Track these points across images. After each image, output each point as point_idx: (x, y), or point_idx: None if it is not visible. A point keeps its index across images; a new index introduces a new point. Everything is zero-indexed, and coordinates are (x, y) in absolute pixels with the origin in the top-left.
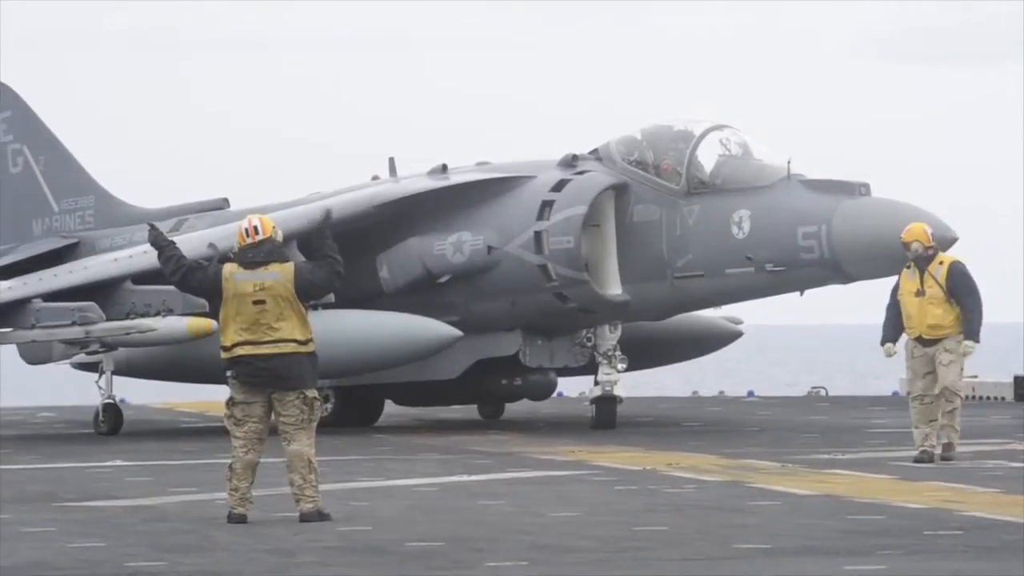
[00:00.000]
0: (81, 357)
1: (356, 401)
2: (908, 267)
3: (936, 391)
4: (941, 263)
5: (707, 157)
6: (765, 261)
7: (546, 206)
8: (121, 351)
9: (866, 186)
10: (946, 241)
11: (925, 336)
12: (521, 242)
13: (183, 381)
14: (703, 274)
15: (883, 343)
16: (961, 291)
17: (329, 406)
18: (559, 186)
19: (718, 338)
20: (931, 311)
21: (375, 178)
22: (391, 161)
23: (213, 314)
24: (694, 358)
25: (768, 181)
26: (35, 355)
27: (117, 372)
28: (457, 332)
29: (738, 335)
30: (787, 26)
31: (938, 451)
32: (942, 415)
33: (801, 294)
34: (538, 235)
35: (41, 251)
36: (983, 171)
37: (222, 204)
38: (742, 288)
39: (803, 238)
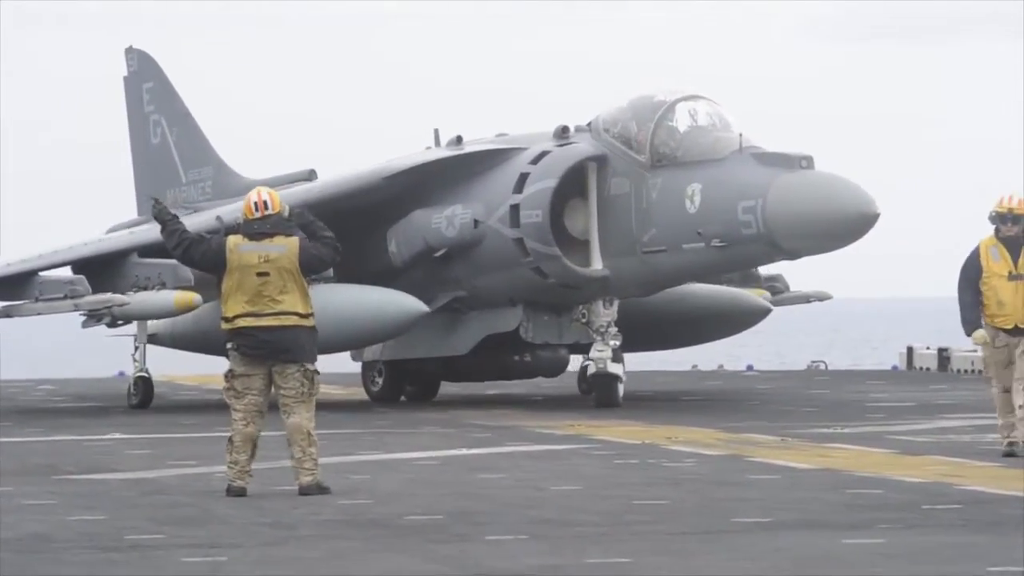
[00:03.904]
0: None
1: (409, 376)
2: (992, 245)
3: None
4: None
5: (673, 129)
6: (712, 236)
7: (523, 179)
8: (167, 324)
9: (808, 159)
10: (870, 218)
11: (1021, 325)
12: (500, 215)
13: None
14: (665, 249)
15: (970, 332)
16: None
17: (380, 380)
18: (538, 158)
19: (746, 315)
20: None
21: (428, 149)
22: (436, 132)
23: (201, 287)
24: (721, 338)
25: (722, 154)
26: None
27: (164, 344)
28: (424, 307)
29: (767, 311)
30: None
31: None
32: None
33: (757, 271)
34: (514, 208)
35: None
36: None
37: (310, 175)
38: (697, 264)
39: (743, 212)
